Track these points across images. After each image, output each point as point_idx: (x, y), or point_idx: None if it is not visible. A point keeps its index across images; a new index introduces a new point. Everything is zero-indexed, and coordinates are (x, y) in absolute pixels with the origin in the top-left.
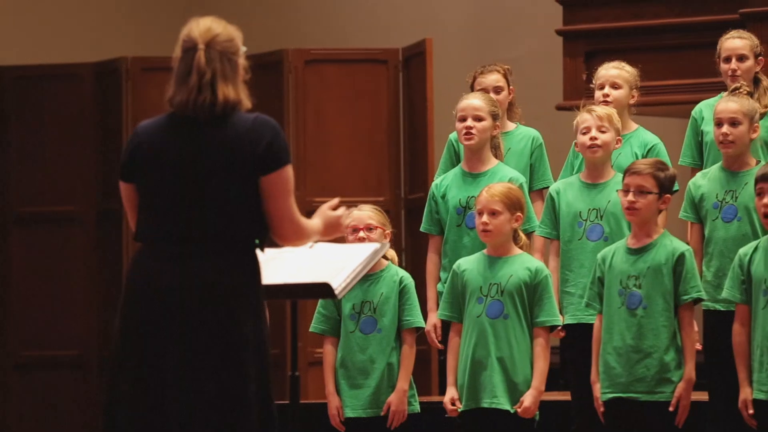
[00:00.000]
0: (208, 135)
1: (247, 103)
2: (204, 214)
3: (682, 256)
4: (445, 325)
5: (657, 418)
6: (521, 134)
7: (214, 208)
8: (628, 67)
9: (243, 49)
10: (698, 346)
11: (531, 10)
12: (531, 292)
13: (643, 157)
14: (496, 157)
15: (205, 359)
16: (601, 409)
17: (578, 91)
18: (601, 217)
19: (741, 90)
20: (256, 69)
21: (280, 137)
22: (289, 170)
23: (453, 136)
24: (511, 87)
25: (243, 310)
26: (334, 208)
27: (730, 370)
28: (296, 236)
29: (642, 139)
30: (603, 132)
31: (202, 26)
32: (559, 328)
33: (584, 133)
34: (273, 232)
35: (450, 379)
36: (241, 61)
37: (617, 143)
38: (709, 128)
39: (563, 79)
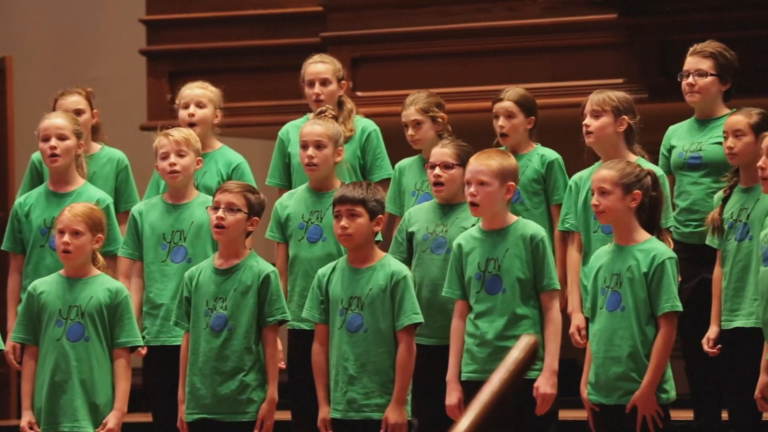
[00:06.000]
0: None
1: None
2: None
3: (267, 277)
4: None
5: None
6: (106, 156)
7: None
8: (211, 87)
9: None
10: (282, 365)
11: (114, 30)
12: (111, 313)
13: (228, 175)
14: (80, 176)
15: None
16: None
17: (162, 111)
18: (185, 238)
19: (326, 113)
20: None
21: None
22: None
23: (36, 156)
24: (94, 110)
25: None
26: None
27: (314, 389)
28: None
29: (227, 158)
30: (182, 156)
31: None
32: (142, 348)
33: (164, 158)
34: None
35: (25, 403)
36: None
37: (198, 164)
38: (295, 150)
39: (147, 99)
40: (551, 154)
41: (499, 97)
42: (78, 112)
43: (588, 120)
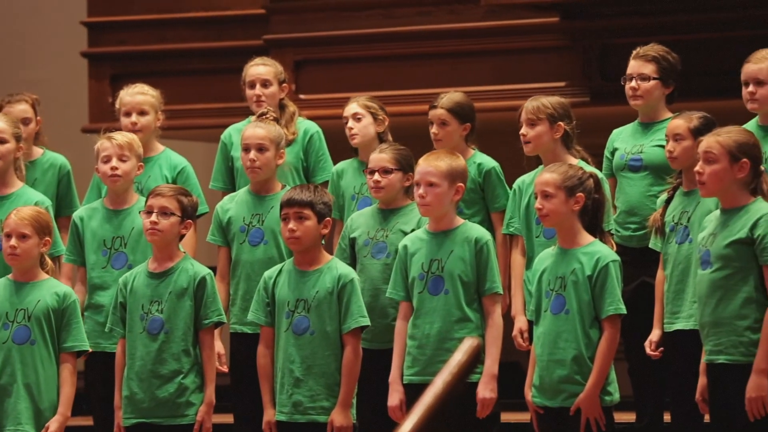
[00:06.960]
0: None
1: None
2: None
3: (203, 280)
4: None
5: None
6: (48, 162)
7: None
8: (151, 91)
9: None
10: (225, 369)
11: (55, 32)
12: (59, 318)
13: (173, 179)
14: (19, 179)
15: None
16: None
17: (104, 113)
18: (125, 244)
19: (268, 115)
20: None
21: None
22: None
23: None
24: (38, 117)
25: None
26: None
27: (257, 392)
28: None
29: (171, 161)
30: (124, 161)
31: None
32: (90, 352)
33: (105, 161)
34: None
35: None
36: None
37: (139, 170)
38: (238, 153)
39: (89, 101)
40: (488, 163)
41: (433, 104)
42: (25, 121)
43: (524, 129)
